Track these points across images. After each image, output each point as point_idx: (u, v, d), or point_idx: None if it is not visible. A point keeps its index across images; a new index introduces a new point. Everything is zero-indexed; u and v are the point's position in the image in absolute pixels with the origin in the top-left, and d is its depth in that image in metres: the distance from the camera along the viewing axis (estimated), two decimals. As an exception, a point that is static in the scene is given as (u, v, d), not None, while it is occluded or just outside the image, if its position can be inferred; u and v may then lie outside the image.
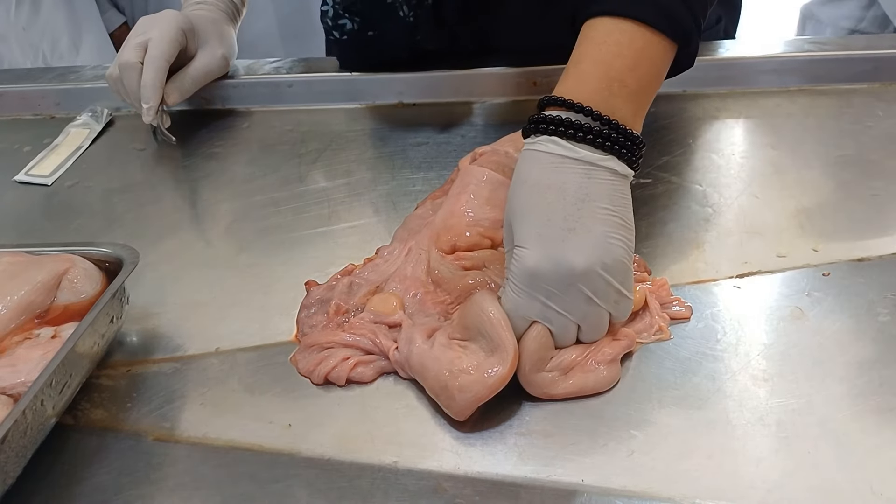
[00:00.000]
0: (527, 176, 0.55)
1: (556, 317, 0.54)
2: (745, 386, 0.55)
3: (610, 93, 0.56)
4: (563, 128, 0.54)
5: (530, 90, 0.92)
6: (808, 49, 0.90)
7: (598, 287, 0.53)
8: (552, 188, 0.53)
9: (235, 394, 0.58)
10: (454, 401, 0.52)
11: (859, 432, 0.51)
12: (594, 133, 0.54)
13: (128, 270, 0.60)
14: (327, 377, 0.58)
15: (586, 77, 0.57)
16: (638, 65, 0.57)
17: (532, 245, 0.53)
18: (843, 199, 0.72)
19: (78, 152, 0.92)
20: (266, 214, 0.78)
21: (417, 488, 0.50)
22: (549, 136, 0.54)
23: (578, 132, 0.54)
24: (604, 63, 0.57)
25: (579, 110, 0.55)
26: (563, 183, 0.53)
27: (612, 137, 0.54)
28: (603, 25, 0.58)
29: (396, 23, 0.89)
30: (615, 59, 0.57)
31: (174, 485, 0.52)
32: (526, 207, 0.54)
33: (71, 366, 0.55)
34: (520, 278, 0.53)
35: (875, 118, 0.82)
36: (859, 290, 0.62)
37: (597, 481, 0.50)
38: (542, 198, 0.53)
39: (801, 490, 0.48)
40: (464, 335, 0.55)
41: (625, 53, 0.57)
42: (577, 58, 0.58)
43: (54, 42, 1.22)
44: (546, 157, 0.54)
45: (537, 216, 0.53)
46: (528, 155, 0.55)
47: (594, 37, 0.58)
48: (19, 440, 0.50)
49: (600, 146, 0.54)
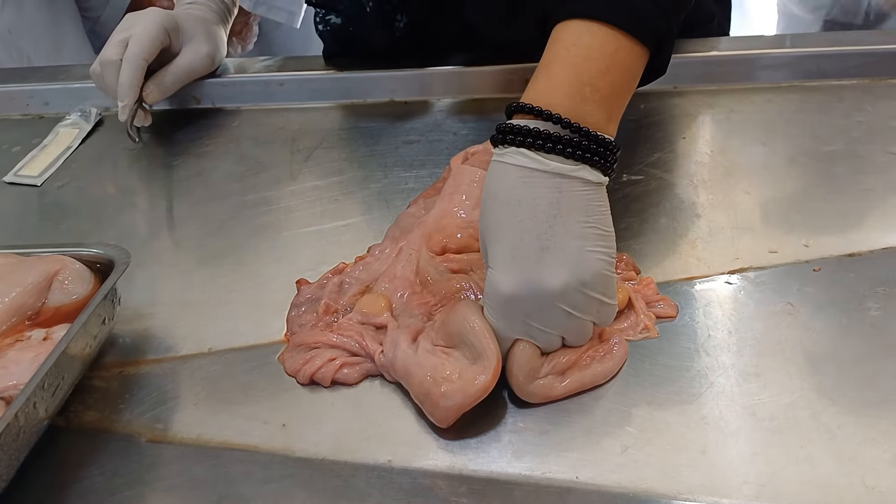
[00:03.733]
0: (496, 190, 0.53)
1: (539, 333, 0.53)
2: (737, 381, 0.55)
3: (581, 98, 0.54)
4: (531, 138, 0.52)
5: (522, 87, 0.91)
6: (798, 45, 0.90)
7: (578, 302, 0.52)
8: (523, 204, 0.52)
9: (229, 394, 0.58)
10: (437, 408, 0.52)
11: (852, 426, 0.51)
12: (564, 143, 0.52)
13: (119, 271, 0.60)
14: (312, 377, 0.58)
15: (556, 81, 0.55)
16: (610, 69, 0.55)
17: (505, 269, 0.51)
18: (833, 194, 0.72)
19: (67, 152, 0.91)
20: (258, 213, 0.78)
21: (412, 487, 0.50)
22: (517, 148, 0.52)
23: (548, 142, 0.51)
24: (574, 66, 0.55)
25: (548, 118, 0.52)
26: (533, 199, 0.51)
27: (582, 146, 0.52)
28: (574, 28, 0.56)
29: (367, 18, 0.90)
30: (586, 63, 0.55)
31: (168, 486, 0.52)
32: (497, 226, 0.52)
33: (63, 368, 0.55)
34: (496, 303, 0.52)
35: (865, 113, 0.83)
36: (850, 285, 0.62)
37: (591, 478, 0.50)
38: (513, 215, 0.52)
39: (794, 484, 0.48)
40: (448, 342, 0.55)
41: (595, 57, 0.55)
42: (547, 61, 0.56)
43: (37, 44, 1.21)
44: (515, 171, 0.52)
45: (509, 236, 0.52)
46: (497, 168, 0.54)
47: (564, 39, 0.56)
48: (11, 443, 0.50)
49: (571, 156, 0.52)
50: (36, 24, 1.21)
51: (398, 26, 0.91)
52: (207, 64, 0.94)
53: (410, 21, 0.92)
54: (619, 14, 0.55)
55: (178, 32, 0.90)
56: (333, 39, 0.98)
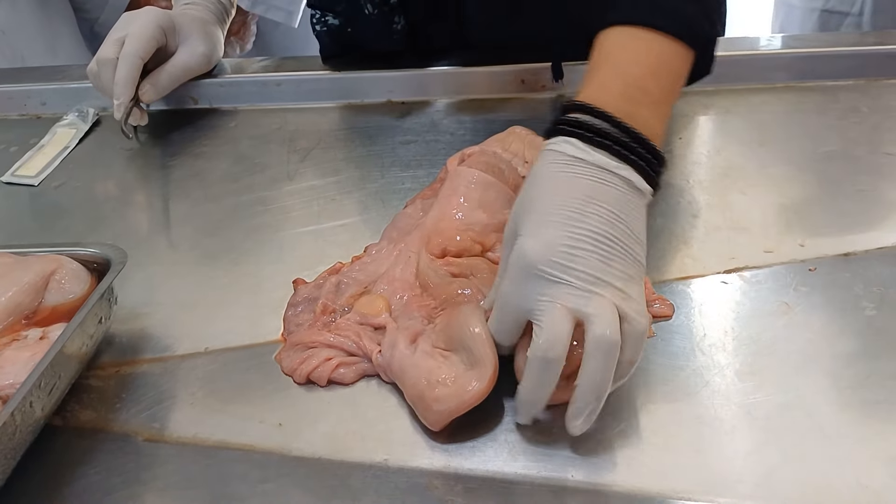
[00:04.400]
0: (539, 172, 0.54)
1: (548, 306, 0.49)
2: (732, 380, 0.55)
3: (631, 100, 0.55)
4: (580, 130, 0.53)
5: (518, 88, 0.93)
6: (794, 46, 0.90)
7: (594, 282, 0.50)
8: (561, 186, 0.52)
9: (225, 393, 0.58)
10: (430, 411, 0.52)
11: (846, 425, 0.52)
12: (611, 139, 0.52)
13: (116, 271, 0.60)
14: (309, 377, 0.58)
15: (606, 84, 0.56)
16: (657, 72, 0.57)
17: (533, 234, 0.50)
18: (829, 194, 0.72)
19: (65, 152, 0.91)
20: (255, 213, 0.78)
21: (408, 486, 0.51)
22: (566, 138, 0.53)
23: (596, 136, 0.52)
24: (623, 70, 0.56)
25: (598, 115, 0.53)
26: (572, 184, 0.52)
27: (629, 146, 0.53)
28: (620, 34, 0.58)
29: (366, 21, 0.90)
30: (634, 67, 0.56)
31: (164, 485, 0.52)
32: (532, 200, 0.52)
33: (59, 367, 0.55)
34: (519, 267, 0.50)
35: (860, 114, 0.83)
36: (845, 285, 0.62)
37: (586, 476, 0.50)
38: (550, 192, 0.52)
39: (788, 483, 0.49)
40: (447, 345, 0.55)
41: (643, 61, 0.57)
42: (596, 65, 0.58)
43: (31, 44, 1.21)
44: (560, 157, 0.53)
45: (542, 208, 0.51)
46: (544, 154, 0.54)
47: (611, 45, 0.58)
48: (8, 442, 0.50)
49: (616, 153, 0.52)
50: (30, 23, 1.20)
51: (396, 28, 0.91)
52: (204, 63, 0.95)
53: (409, 23, 0.92)
54: (664, 19, 0.57)
55: (175, 32, 0.91)
56: (331, 40, 0.98)
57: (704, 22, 0.59)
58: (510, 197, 0.67)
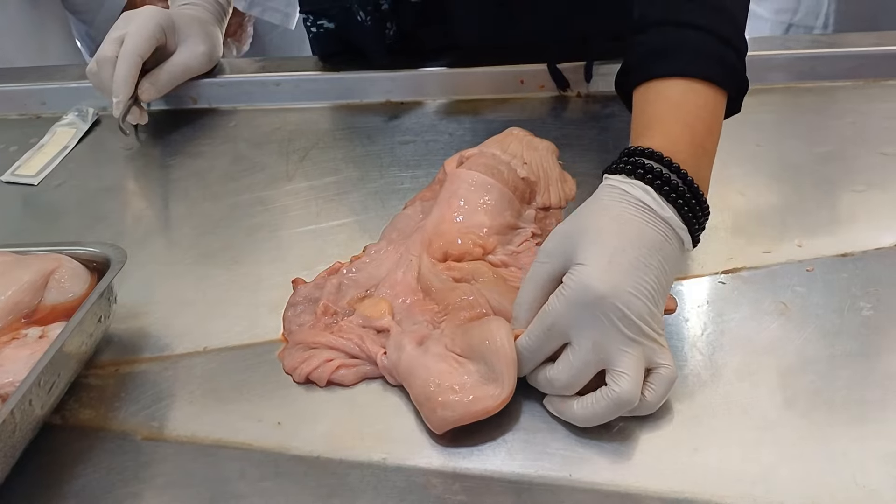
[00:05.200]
0: (609, 207, 0.53)
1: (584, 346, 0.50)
2: (729, 380, 0.55)
3: (696, 158, 0.56)
4: (659, 181, 0.53)
5: (517, 88, 0.93)
6: (792, 47, 0.90)
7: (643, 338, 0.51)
8: (632, 231, 0.52)
9: (224, 392, 0.59)
10: (435, 414, 0.52)
11: (843, 424, 0.52)
12: (683, 199, 0.53)
13: (115, 270, 0.60)
14: (309, 377, 0.58)
15: (675, 138, 0.56)
16: (712, 129, 0.58)
17: (602, 269, 0.50)
18: (826, 195, 0.73)
19: (64, 152, 0.91)
20: (253, 213, 0.78)
21: (406, 485, 0.51)
22: (643, 184, 0.53)
23: (672, 192, 0.53)
24: (688, 126, 0.57)
25: (675, 171, 0.53)
26: (641, 232, 0.52)
27: (694, 210, 0.54)
28: (678, 87, 0.58)
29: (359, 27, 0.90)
30: (697, 123, 0.57)
31: (163, 483, 0.52)
32: (601, 232, 0.52)
33: (59, 365, 0.55)
34: (580, 297, 0.50)
35: (858, 115, 0.83)
36: (843, 285, 0.62)
37: (584, 476, 0.50)
38: (620, 231, 0.52)
39: (785, 482, 0.49)
40: (464, 352, 0.54)
41: (703, 116, 0.57)
42: (659, 117, 0.58)
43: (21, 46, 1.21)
44: (633, 201, 0.53)
45: (613, 244, 0.51)
46: (615, 192, 0.54)
47: (671, 98, 0.58)
48: (7, 440, 0.50)
49: (683, 215, 0.53)
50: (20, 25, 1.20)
51: (388, 34, 0.91)
52: (204, 62, 0.95)
53: (401, 29, 0.92)
54: (716, 71, 0.58)
55: (174, 31, 0.91)
56: (325, 43, 0.98)
57: (742, 68, 0.61)
58: (510, 198, 0.67)
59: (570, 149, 0.80)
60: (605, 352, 0.50)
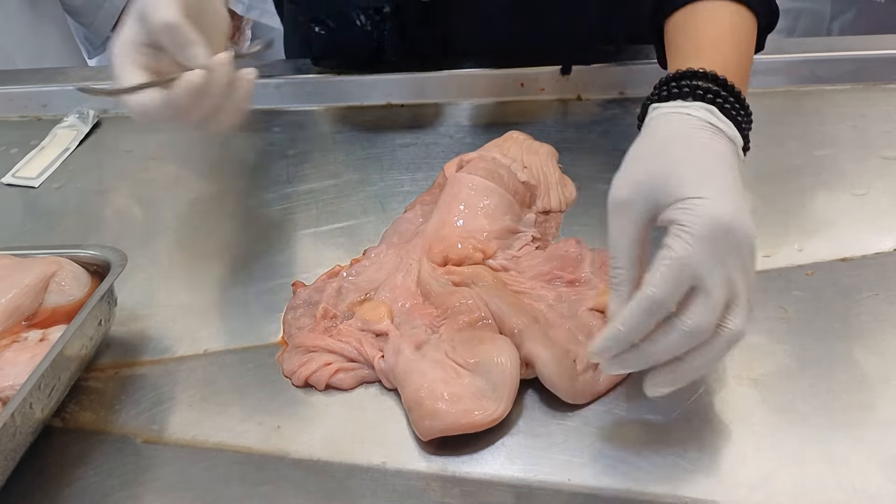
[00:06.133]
0: (685, 134, 0.51)
1: (719, 282, 0.46)
2: (729, 384, 0.55)
3: (742, 81, 0.57)
4: (720, 100, 0.53)
5: (517, 91, 0.93)
6: (792, 50, 0.90)
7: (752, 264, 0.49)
8: (718, 155, 0.50)
9: (224, 395, 0.59)
10: (422, 421, 0.52)
11: (842, 429, 0.52)
12: (741, 115, 0.54)
13: (115, 273, 0.60)
14: (307, 380, 0.58)
15: (728, 59, 0.57)
16: (750, 53, 0.60)
17: (719, 198, 0.47)
18: (827, 198, 0.73)
19: (65, 154, 0.91)
20: (254, 216, 0.78)
21: (406, 489, 0.51)
22: (706, 104, 0.52)
23: (731, 109, 0.53)
24: (738, 48, 0.59)
25: (730, 90, 0.54)
26: (718, 150, 0.51)
27: (748, 122, 0.55)
28: (723, 9, 0.61)
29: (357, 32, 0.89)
30: (745, 46, 0.60)
31: (163, 486, 0.53)
32: (697, 160, 0.50)
33: (59, 369, 0.55)
34: (710, 231, 0.46)
35: (859, 118, 0.83)
36: (843, 289, 0.62)
37: (584, 480, 0.50)
38: (710, 159, 0.50)
39: (785, 487, 0.49)
40: (466, 363, 0.54)
41: (746, 41, 0.60)
42: (713, 38, 0.59)
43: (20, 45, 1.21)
44: (700, 123, 0.52)
45: (714, 170, 0.49)
46: (682, 119, 0.52)
47: (721, 20, 0.60)
48: (8, 443, 0.50)
49: (740, 128, 0.53)
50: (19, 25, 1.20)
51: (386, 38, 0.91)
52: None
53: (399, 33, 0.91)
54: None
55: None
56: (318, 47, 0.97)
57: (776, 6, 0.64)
58: (510, 202, 0.67)
59: (570, 152, 0.80)
60: (734, 284, 0.47)
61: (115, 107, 0.99)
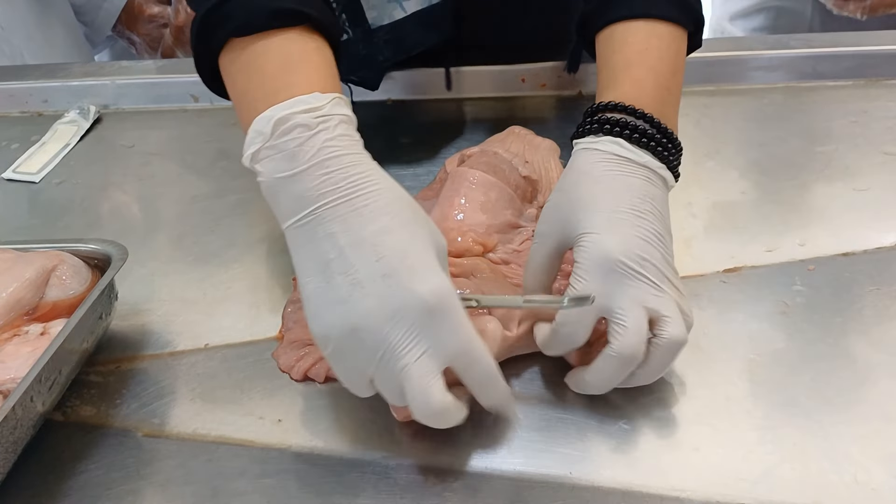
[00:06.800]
0: (590, 170, 0.54)
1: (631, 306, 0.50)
2: (731, 379, 0.55)
3: (662, 101, 0.56)
4: (628, 131, 0.54)
5: (519, 87, 0.93)
6: (795, 46, 0.90)
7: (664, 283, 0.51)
8: (618, 185, 0.53)
9: (225, 389, 0.59)
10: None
11: (844, 423, 0.52)
12: (655, 140, 0.54)
13: (116, 267, 0.60)
14: (307, 373, 0.58)
15: (642, 84, 0.57)
16: (676, 69, 0.59)
17: (607, 230, 0.51)
18: (828, 194, 0.73)
19: (66, 149, 0.91)
20: (255, 210, 0.78)
21: (407, 482, 0.51)
22: (612, 138, 0.54)
23: (642, 137, 0.54)
24: (653, 70, 0.57)
25: (641, 116, 0.55)
26: (629, 182, 0.53)
27: (667, 147, 0.55)
28: (640, 30, 0.59)
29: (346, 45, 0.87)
30: (660, 65, 0.58)
31: (164, 480, 0.52)
32: (594, 199, 0.52)
33: (60, 362, 0.55)
34: (598, 263, 0.50)
35: (860, 114, 0.83)
36: (844, 284, 0.62)
37: (585, 474, 0.50)
38: (611, 192, 0.52)
39: (787, 481, 0.49)
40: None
41: (666, 58, 0.58)
42: (626, 64, 0.58)
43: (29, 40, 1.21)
44: (609, 157, 0.53)
45: (609, 207, 0.52)
46: (590, 154, 0.54)
47: (636, 42, 0.59)
48: (9, 436, 0.50)
49: (659, 154, 0.54)
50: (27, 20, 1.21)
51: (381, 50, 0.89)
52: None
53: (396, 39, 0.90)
54: (680, 13, 0.59)
55: None
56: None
57: (699, 7, 0.62)
58: (511, 197, 0.67)
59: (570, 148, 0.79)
60: (646, 302, 0.50)
61: (116, 102, 0.99)
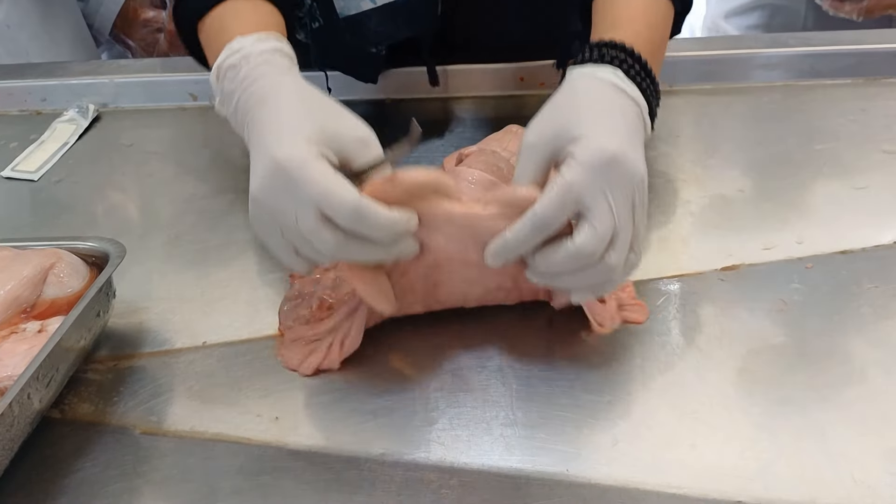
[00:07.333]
0: (589, 91, 0.55)
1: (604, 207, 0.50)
2: (728, 376, 0.55)
3: (652, 55, 0.59)
4: (628, 63, 0.56)
5: (517, 86, 0.93)
6: (794, 44, 0.90)
7: (641, 203, 0.52)
8: (616, 107, 0.54)
9: (222, 387, 0.59)
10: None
11: (841, 421, 0.52)
12: (646, 81, 0.57)
13: (114, 264, 0.60)
14: (319, 368, 0.58)
15: (641, 36, 0.59)
16: (664, 38, 0.64)
17: (608, 136, 0.51)
18: (827, 192, 0.73)
19: (64, 148, 0.91)
20: (253, 209, 0.78)
21: (404, 479, 0.51)
22: (613, 68, 0.55)
23: (639, 74, 0.56)
24: (650, 27, 0.61)
25: (638, 59, 0.57)
26: (624, 111, 0.54)
27: (655, 93, 0.58)
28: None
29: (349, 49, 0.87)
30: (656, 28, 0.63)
31: (161, 478, 0.52)
32: (594, 108, 0.53)
33: (57, 359, 0.55)
34: (597, 161, 0.50)
35: (859, 112, 0.83)
36: (842, 282, 0.62)
37: (581, 471, 0.50)
38: (607, 109, 0.54)
39: (783, 479, 0.49)
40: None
41: (661, 25, 0.64)
42: (626, 17, 0.62)
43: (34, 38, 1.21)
44: (608, 85, 0.55)
45: (608, 117, 0.53)
46: (589, 80, 0.56)
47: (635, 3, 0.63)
48: (6, 433, 0.50)
49: (647, 95, 0.56)
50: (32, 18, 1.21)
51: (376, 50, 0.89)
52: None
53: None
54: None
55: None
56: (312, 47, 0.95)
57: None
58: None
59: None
60: (619, 218, 0.50)
61: (114, 100, 0.99)
